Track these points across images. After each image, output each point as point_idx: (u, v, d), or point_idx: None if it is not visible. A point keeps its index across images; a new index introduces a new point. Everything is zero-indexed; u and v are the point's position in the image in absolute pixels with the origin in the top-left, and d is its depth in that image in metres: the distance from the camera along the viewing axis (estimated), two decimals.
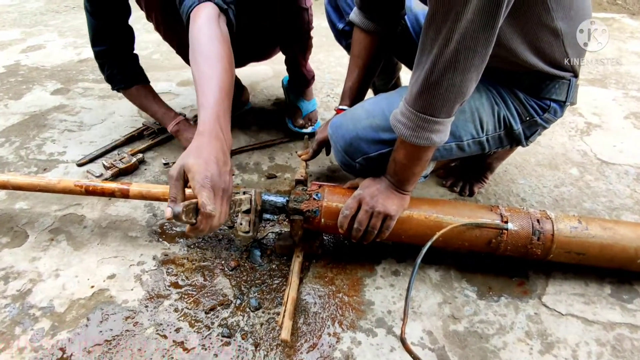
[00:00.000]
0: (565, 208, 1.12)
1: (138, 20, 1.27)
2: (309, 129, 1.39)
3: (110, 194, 0.96)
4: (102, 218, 1.07)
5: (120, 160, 1.22)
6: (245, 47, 1.25)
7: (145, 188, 0.95)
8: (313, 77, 1.40)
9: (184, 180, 0.68)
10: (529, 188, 1.19)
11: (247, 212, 0.85)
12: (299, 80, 1.37)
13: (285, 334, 0.74)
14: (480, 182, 1.15)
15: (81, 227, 1.04)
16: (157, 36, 1.26)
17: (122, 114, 1.48)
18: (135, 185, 0.96)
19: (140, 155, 1.26)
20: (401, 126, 0.75)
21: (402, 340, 0.70)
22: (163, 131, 1.39)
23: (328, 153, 1.17)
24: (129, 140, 1.36)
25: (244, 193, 0.84)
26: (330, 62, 1.86)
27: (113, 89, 1.25)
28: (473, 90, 0.69)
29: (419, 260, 0.77)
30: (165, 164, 1.26)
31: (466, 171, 1.16)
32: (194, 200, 0.66)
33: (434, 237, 0.80)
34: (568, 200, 1.15)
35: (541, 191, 1.18)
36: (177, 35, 1.22)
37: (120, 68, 1.23)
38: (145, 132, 1.38)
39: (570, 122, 1.49)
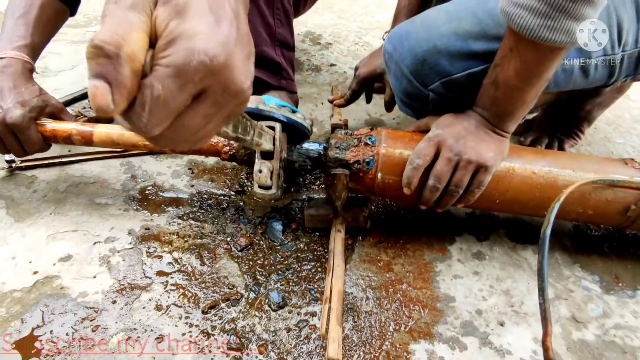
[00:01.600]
0: None
1: None
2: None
3: (66, 139, 0.66)
4: (61, 179, 0.77)
5: (90, 108, 0.92)
6: None
7: (118, 130, 0.66)
8: None
9: (150, 12, 0.24)
10: (632, 149, 0.91)
11: (268, 157, 0.55)
12: None
13: (334, 351, 0.45)
14: (573, 138, 0.86)
15: (29, 190, 0.74)
16: None
17: None
18: (103, 127, 0.66)
19: None
20: (524, 12, 0.46)
21: None
22: None
23: (369, 99, 0.87)
24: None
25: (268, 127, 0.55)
26: (355, 10, 1.57)
27: None
28: None
29: (548, 231, 0.47)
30: None
31: (554, 124, 0.87)
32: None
33: (563, 195, 0.51)
34: None
35: None
36: None
37: None
38: None
39: None
